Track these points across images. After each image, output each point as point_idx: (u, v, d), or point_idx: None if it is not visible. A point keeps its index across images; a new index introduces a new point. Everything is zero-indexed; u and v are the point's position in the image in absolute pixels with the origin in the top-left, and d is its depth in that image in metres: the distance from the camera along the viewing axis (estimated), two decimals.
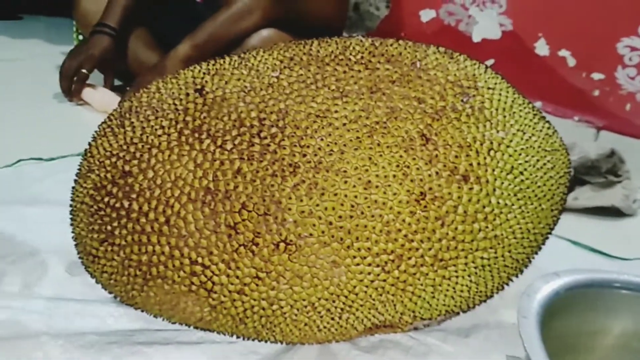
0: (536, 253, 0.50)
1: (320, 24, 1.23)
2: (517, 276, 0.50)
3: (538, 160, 0.45)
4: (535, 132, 0.46)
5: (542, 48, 1.29)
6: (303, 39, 1.14)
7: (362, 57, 0.46)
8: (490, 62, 1.37)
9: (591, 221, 1.00)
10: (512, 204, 0.43)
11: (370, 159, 0.41)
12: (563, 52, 1.26)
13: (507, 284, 0.50)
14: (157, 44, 1.25)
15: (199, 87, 0.46)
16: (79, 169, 0.50)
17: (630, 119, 1.21)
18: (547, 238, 0.51)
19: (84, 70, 1.10)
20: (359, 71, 0.45)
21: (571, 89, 1.26)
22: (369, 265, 0.41)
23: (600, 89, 1.24)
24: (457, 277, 0.44)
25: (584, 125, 1.26)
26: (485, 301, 0.51)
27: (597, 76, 1.24)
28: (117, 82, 1.27)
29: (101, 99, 1.11)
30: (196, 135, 0.43)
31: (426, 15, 1.43)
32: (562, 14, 1.25)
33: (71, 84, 1.11)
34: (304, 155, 0.41)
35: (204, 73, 0.48)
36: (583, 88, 1.25)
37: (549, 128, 0.48)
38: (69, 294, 0.54)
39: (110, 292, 0.49)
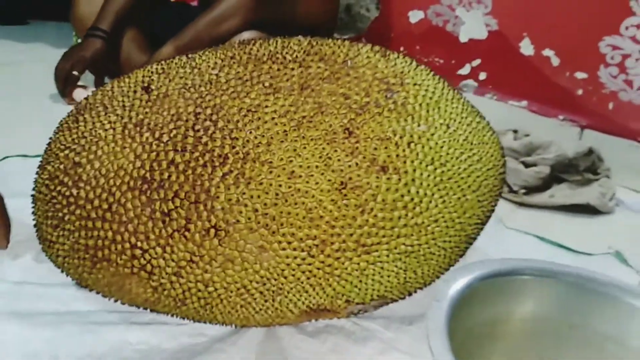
0: (470, 242, 0.53)
1: (309, 26, 1.26)
2: (451, 265, 0.52)
3: (462, 153, 0.47)
4: (461, 126, 0.48)
5: (526, 47, 1.30)
6: None
7: (297, 56, 0.49)
8: (477, 61, 1.39)
9: (567, 218, 1.02)
10: (433, 194, 0.45)
11: (295, 150, 0.44)
12: (547, 52, 1.27)
13: (442, 273, 0.53)
14: (149, 47, 1.29)
15: (145, 84, 0.50)
16: (40, 162, 0.53)
17: (613, 118, 1.22)
18: (480, 228, 0.53)
19: (75, 72, 1.15)
20: (293, 69, 0.48)
21: (555, 88, 1.27)
22: (295, 250, 0.44)
23: (584, 88, 1.24)
24: (381, 262, 0.46)
25: (568, 124, 1.27)
26: (421, 289, 0.53)
27: (580, 75, 1.24)
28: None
29: None
30: (138, 129, 0.46)
31: (415, 16, 1.45)
32: (546, 13, 1.26)
33: (64, 85, 1.15)
34: (233, 147, 0.44)
35: (152, 72, 0.51)
36: (567, 87, 1.26)
37: (479, 122, 0.51)
38: (34, 278, 0.58)
39: (67, 275, 0.53)
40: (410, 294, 0.53)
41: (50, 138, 0.54)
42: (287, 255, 0.44)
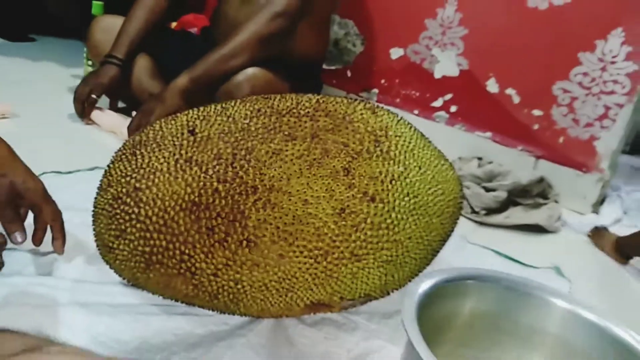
0: (434, 255, 0.69)
1: (303, 60, 1.42)
2: (420, 271, 0.68)
3: (430, 188, 0.64)
4: (430, 168, 0.65)
5: (492, 86, 1.49)
6: (286, 74, 1.33)
7: (308, 112, 0.65)
8: (449, 96, 1.57)
9: (519, 236, 1.20)
10: (408, 218, 0.61)
11: (307, 184, 0.59)
12: (509, 91, 1.46)
13: (413, 277, 0.68)
14: (158, 73, 1.44)
15: (191, 128, 0.65)
16: (100, 184, 0.67)
17: (562, 150, 1.41)
18: (442, 244, 0.69)
19: (93, 96, 1.29)
20: (305, 122, 0.63)
21: (516, 123, 1.46)
22: (305, 257, 0.59)
23: (539, 123, 1.43)
24: (369, 268, 0.62)
25: (525, 154, 1.46)
26: (397, 289, 0.69)
27: (536, 112, 1.43)
28: (121, 104, 1.45)
29: (108, 120, 1.29)
30: (187, 163, 0.61)
31: (395, 53, 1.63)
32: (509, 58, 1.45)
33: (83, 107, 1.29)
34: (262, 181, 0.59)
35: (195, 118, 0.66)
36: (525, 122, 1.45)
37: (443, 165, 0.67)
38: (88, 277, 0.72)
39: (120, 276, 0.67)
40: (388, 293, 0.68)
41: (108, 165, 0.68)
42: (299, 262, 0.60)
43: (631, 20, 1.29)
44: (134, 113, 1.22)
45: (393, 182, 0.61)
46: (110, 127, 1.27)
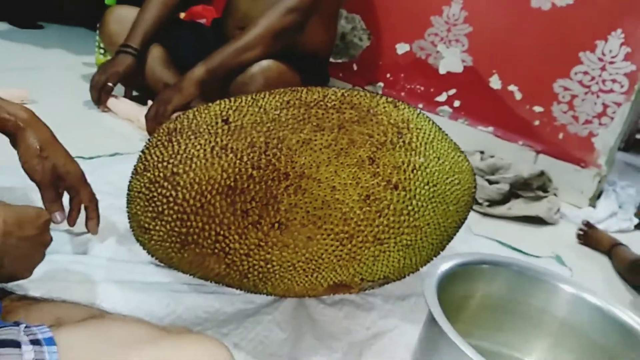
0: (449, 240, 0.73)
1: (312, 53, 1.46)
2: (435, 256, 0.73)
3: (447, 178, 0.68)
4: (447, 159, 0.69)
5: (495, 82, 1.53)
6: (296, 65, 1.37)
7: (334, 104, 0.69)
8: (452, 91, 1.61)
9: (520, 227, 1.25)
10: (427, 205, 0.66)
11: (335, 172, 0.64)
12: (512, 87, 1.51)
13: (429, 262, 0.73)
14: (171, 62, 1.47)
15: (225, 118, 0.69)
16: (135, 169, 0.71)
17: (562, 146, 1.46)
18: (457, 230, 0.74)
19: (109, 84, 1.32)
20: (332, 113, 0.68)
21: (517, 118, 1.51)
22: (332, 240, 0.64)
23: (540, 119, 1.48)
24: (389, 251, 0.66)
25: (526, 148, 1.51)
26: (413, 272, 0.73)
27: (537, 109, 1.48)
28: (135, 93, 1.48)
29: (124, 108, 1.32)
30: (223, 151, 0.65)
31: (401, 48, 1.67)
32: (512, 56, 1.50)
33: (99, 95, 1.32)
34: (293, 168, 0.63)
35: (228, 108, 0.70)
36: (526, 118, 1.50)
37: (459, 156, 0.72)
38: (120, 257, 0.76)
39: (152, 256, 0.71)
40: (404, 277, 0.73)
41: (143, 151, 0.71)
42: (326, 244, 0.64)
43: (630, 22, 1.34)
44: (149, 102, 1.26)
45: (414, 171, 0.65)
46: (126, 115, 1.31)
